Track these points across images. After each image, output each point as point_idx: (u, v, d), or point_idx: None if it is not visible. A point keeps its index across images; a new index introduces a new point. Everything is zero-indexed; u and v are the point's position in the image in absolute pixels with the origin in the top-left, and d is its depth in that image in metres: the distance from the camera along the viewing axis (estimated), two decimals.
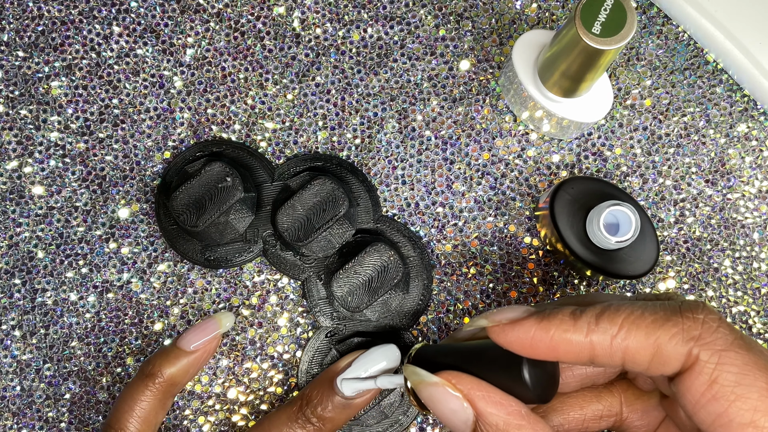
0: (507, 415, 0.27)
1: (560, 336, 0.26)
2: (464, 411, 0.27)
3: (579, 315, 0.27)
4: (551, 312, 0.27)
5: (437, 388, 0.28)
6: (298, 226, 0.40)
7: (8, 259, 0.42)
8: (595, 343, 0.26)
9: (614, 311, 0.26)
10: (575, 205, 0.39)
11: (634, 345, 0.26)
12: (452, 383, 0.28)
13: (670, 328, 0.25)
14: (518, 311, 0.28)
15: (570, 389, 0.33)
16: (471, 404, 0.27)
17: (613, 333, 0.26)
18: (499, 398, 0.27)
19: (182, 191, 0.39)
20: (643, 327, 0.26)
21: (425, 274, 0.41)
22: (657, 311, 0.26)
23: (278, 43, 0.43)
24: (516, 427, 0.27)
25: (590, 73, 0.36)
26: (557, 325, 0.27)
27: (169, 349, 0.38)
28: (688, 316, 0.26)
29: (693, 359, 0.25)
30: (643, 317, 0.26)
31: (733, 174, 0.43)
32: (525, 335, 0.27)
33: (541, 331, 0.27)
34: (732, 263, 0.42)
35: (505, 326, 0.28)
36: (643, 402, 0.32)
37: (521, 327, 0.27)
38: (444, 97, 0.43)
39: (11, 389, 0.42)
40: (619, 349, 0.26)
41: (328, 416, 0.37)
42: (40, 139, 0.42)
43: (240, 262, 0.41)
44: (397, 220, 0.42)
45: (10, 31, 0.43)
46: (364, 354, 0.37)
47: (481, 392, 0.27)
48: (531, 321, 0.27)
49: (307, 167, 0.42)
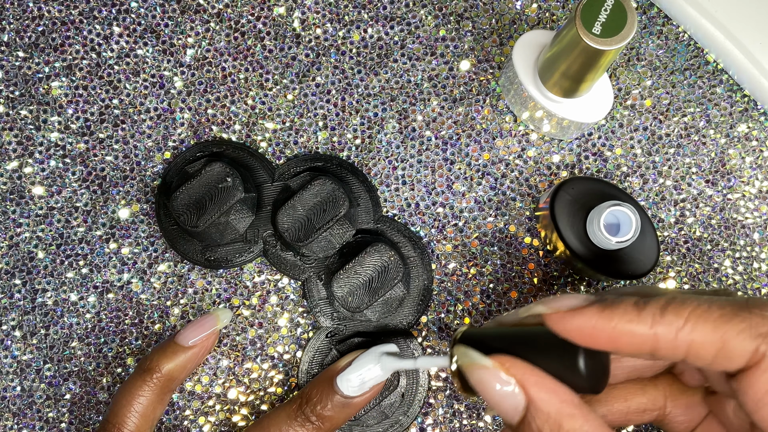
0: (560, 403, 0.26)
1: (623, 327, 0.26)
2: (515, 397, 0.27)
3: (643, 306, 0.26)
4: (614, 301, 0.26)
5: (489, 371, 0.27)
6: (298, 226, 0.40)
7: (8, 260, 0.42)
8: (659, 336, 0.25)
9: (680, 303, 0.26)
10: (575, 205, 0.39)
11: (700, 339, 0.25)
12: (506, 367, 0.27)
13: (738, 324, 0.25)
14: (578, 299, 0.27)
15: (616, 381, 0.32)
16: (523, 390, 0.27)
17: (679, 326, 0.25)
18: (552, 386, 0.27)
19: (182, 191, 0.39)
20: (710, 321, 0.25)
21: (425, 275, 0.41)
22: (724, 306, 0.25)
23: (278, 43, 0.43)
24: (568, 416, 0.26)
25: (590, 74, 0.36)
26: (621, 315, 0.26)
27: (167, 344, 0.38)
28: (757, 312, 0.25)
29: (759, 356, 0.25)
30: (710, 311, 0.25)
31: (733, 174, 0.43)
32: (586, 324, 0.26)
33: (604, 321, 0.26)
34: (732, 263, 0.42)
35: (565, 314, 0.27)
36: (688, 397, 0.32)
37: (582, 316, 0.26)
38: (444, 97, 0.43)
39: (11, 389, 0.42)
40: (684, 343, 0.25)
41: (327, 415, 0.36)
42: (40, 139, 0.42)
43: (240, 262, 0.41)
44: (397, 221, 0.42)
45: (11, 32, 0.43)
46: (364, 353, 0.37)
47: (534, 378, 0.27)
48: (593, 310, 0.26)
49: (307, 167, 0.42)
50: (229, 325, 0.42)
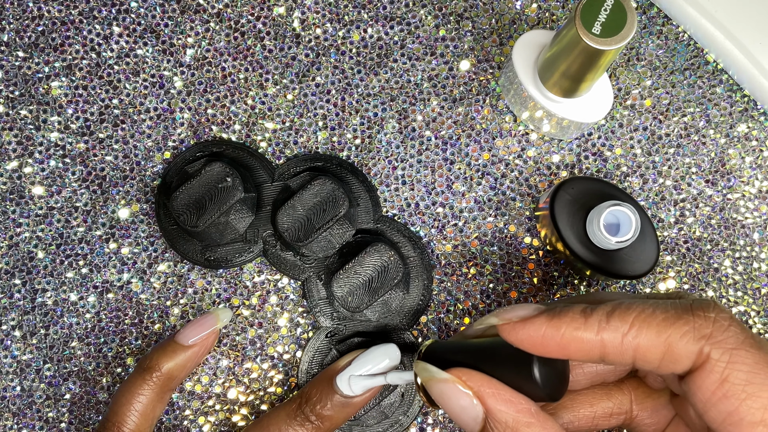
0: (516, 413, 0.27)
1: (571, 334, 0.26)
2: (474, 408, 0.27)
3: (590, 313, 0.27)
4: (562, 310, 0.27)
5: (447, 384, 0.28)
6: (298, 226, 0.40)
7: (8, 260, 0.42)
8: (606, 341, 0.26)
9: (625, 309, 0.26)
10: (575, 205, 0.39)
11: (645, 343, 0.26)
12: (462, 380, 0.28)
13: (681, 326, 0.25)
14: (528, 309, 0.28)
15: (580, 387, 0.33)
16: (481, 401, 0.27)
17: (624, 331, 0.26)
18: (509, 396, 0.27)
19: (182, 191, 0.39)
20: (654, 325, 0.26)
21: (425, 275, 0.41)
22: (668, 309, 0.26)
23: (278, 43, 0.43)
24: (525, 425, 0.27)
25: (590, 74, 0.36)
26: (568, 323, 0.27)
27: (167, 343, 0.38)
28: (699, 314, 0.26)
29: (704, 358, 0.25)
30: (654, 315, 0.26)
31: (733, 174, 0.43)
32: (535, 333, 0.27)
33: (552, 329, 0.27)
34: (732, 263, 0.42)
35: (515, 324, 0.28)
36: (653, 400, 0.32)
37: (532, 325, 0.27)
38: (444, 97, 0.43)
39: (11, 389, 0.42)
40: (630, 347, 0.26)
41: (326, 414, 0.37)
42: (40, 139, 0.42)
43: (240, 262, 0.41)
44: (397, 221, 0.42)
45: (10, 32, 0.43)
46: (364, 353, 0.37)
47: (491, 389, 0.27)
48: (541, 319, 0.27)
49: (307, 167, 0.42)
50: (229, 324, 0.42)
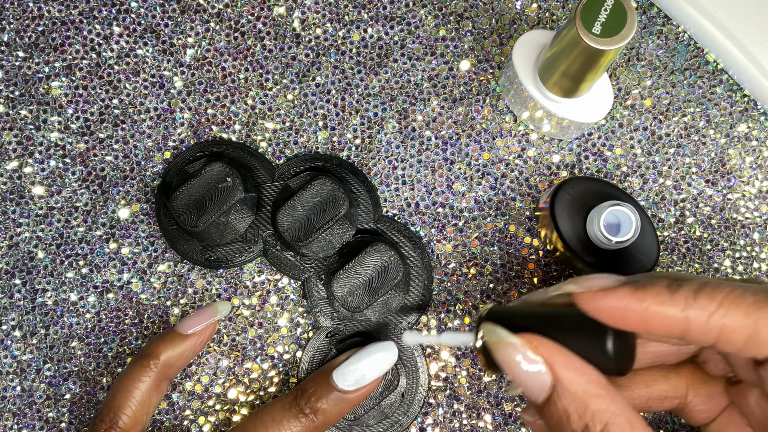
0: (587, 384, 0.26)
1: (655, 308, 0.26)
2: (543, 375, 0.26)
3: (676, 288, 0.26)
4: (646, 282, 0.26)
5: (516, 349, 0.27)
6: (298, 226, 0.40)
7: (8, 260, 0.42)
8: (691, 319, 0.25)
9: (713, 288, 0.25)
10: (575, 205, 0.39)
11: (731, 324, 0.25)
12: (534, 345, 0.27)
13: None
14: (610, 279, 0.27)
15: (640, 366, 0.32)
16: (550, 369, 0.26)
17: (712, 310, 0.25)
18: (580, 366, 0.26)
19: (182, 191, 0.39)
20: (743, 306, 0.25)
21: (425, 275, 0.41)
22: (758, 293, 0.25)
23: (278, 43, 0.43)
24: (595, 397, 0.26)
25: (590, 74, 0.36)
26: (653, 296, 0.26)
27: (167, 333, 0.39)
28: None
29: None
30: (743, 297, 0.25)
31: (733, 174, 0.43)
32: (617, 304, 0.26)
33: (636, 302, 0.26)
34: (732, 263, 0.42)
35: (596, 293, 0.27)
36: (709, 387, 0.32)
37: (614, 295, 0.26)
38: (444, 97, 0.43)
39: (11, 389, 0.42)
40: (716, 327, 0.25)
41: (321, 408, 0.37)
42: (40, 139, 0.42)
43: (240, 262, 0.41)
44: (397, 221, 0.42)
45: (11, 32, 0.43)
46: (363, 349, 0.38)
47: (562, 358, 0.27)
48: (624, 290, 0.26)
49: (307, 167, 0.42)
50: (229, 324, 0.42)
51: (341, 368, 0.37)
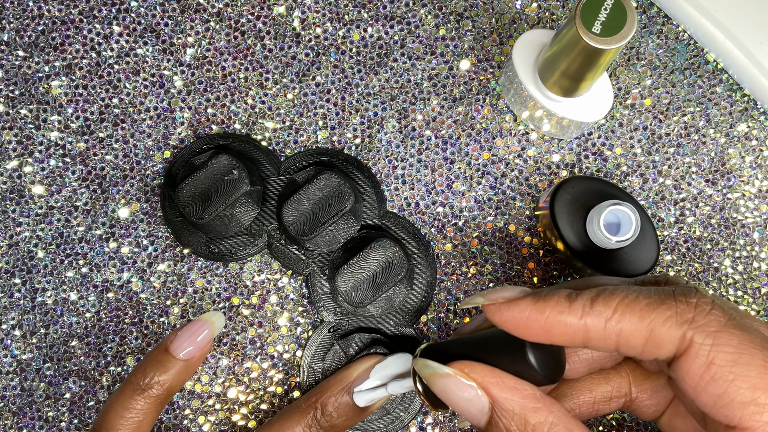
0: (522, 399, 0.27)
1: (555, 317, 0.27)
2: (479, 399, 0.27)
3: (574, 297, 0.27)
4: (547, 293, 0.27)
5: (450, 378, 0.28)
6: (303, 220, 0.40)
7: (8, 259, 0.42)
8: (589, 326, 0.26)
9: (609, 295, 0.26)
10: (575, 204, 0.39)
11: (627, 328, 0.26)
12: (465, 372, 0.28)
13: (664, 312, 0.25)
14: (514, 291, 0.28)
15: (578, 374, 0.33)
16: (485, 392, 0.27)
17: (608, 316, 0.26)
18: (512, 383, 0.27)
19: (188, 183, 0.39)
20: (637, 310, 0.26)
21: (429, 271, 0.41)
22: (651, 295, 0.26)
23: (278, 42, 0.43)
24: (532, 410, 0.27)
25: (590, 73, 0.36)
26: (552, 306, 0.27)
27: (163, 357, 0.35)
28: (681, 299, 0.26)
29: (688, 342, 0.25)
30: (637, 301, 0.26)
31: (733, 174, 0.43)
32: (520, 315, 0.27)
33: (536, 312, 0.27)
34: (732, 263, 0.42)
35: (500, 305, 0.28)
36: (652, 381, 0.33)
37: (517, 306, 0.27)
38: (444, 96, 0.43)
39: (11, 389, 0.42)
40: (613, 332, 0.26)
41: (343, 425, 0.37)
42: (40, 138, 0.42)
43: (244, 255, 0.41)
44: (401, 217, 0.42)
45: (11, 31, 0.43)
46: (381, 364, 0.38)
47: (494, 378, 0.27)
48: (527, 301, 0.27)
49: (313, 162, 0.42)
50: (229, 324, 0.42)
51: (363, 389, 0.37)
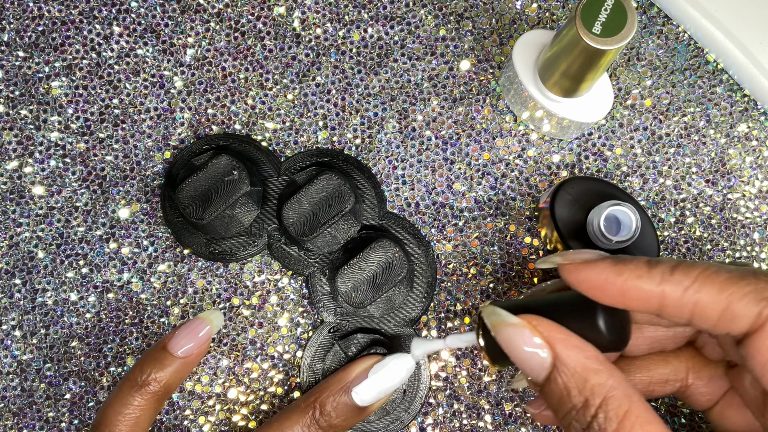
0: (585, 359, 0.27)
1: (632, 281, 0.27)
2: (542, 353, 0.27)
3: (654, 264, 0.27)
4: (627, 258, 0.27)
5: (517, 329, 0.28)
6: (303, 220, 0.40)
7: (8, 259, 0.42)
8: (666, 293, 0.26)
9: (689, 265, 0.26)
10: (575, 205, 0.39)
11: (705, 299, 0.26)
12: (533, 324, 0.28)
13: (744, 287, 0.25)
14: (594, 254, 0.28)
15: (639, 352, 0.33)
16: (550, 347, 0.27)
17: (687, 285, 0.26)
18: (578, 342, 0.27)
19: (188, 183, 0.39)
20: (717, 282, 0.26)
21: (429, 272, 0.41)
22: (732, 270, 0.26)
23: (278, 43, 0.43)
24: (594, 372, 0.27)
25: (590, 73, 0.36)
26: (632, 270, 0.27)
27: (161, 355, 0.36)
28: (762, 278, 0.26)
29: (763, 320, 0.25)
30: (718, 273, 0.26)
31: (733, 174, 0.43)
32: (597, 276, 0.27)
33: (614, 275, 0.27)
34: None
35: (578, 265, 0.28)
36: (710, 370, 0.33)
37: (595, 267, 0.27)
38: (444, 97, 0.43)
39: (11, 389, 0.42)
40: (690, 302, 0.26)
41: (342, 425, 0.37)
42: (40, 139, 0.42)
43: (245, 255, 0.41)
44: (401, 217, 0.42)
45: (11, 31, 0.43)
46: (380, 364, 0.37)
47: (561, 335, 0.27)
48: (605, 263, 0.27)
49: (313, 162, 0.42)
50: (229, 324, 0.42)
51: (362, 389, 0.37)
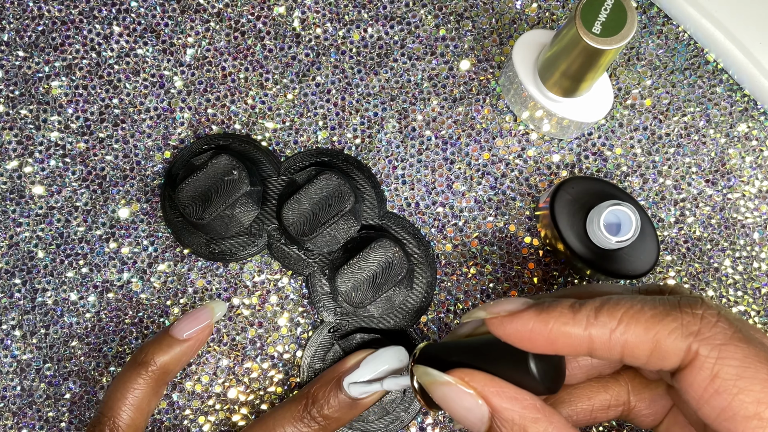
0: (522, 409, 0.27)
1: (559, 329, 0.26)
2: (479, 408, 0.27)
3: (578, 308, 0.26)
4: (550, 304, 0.27)
5: (450, 387, 0.28)
6: (303, 220, 0.40)
7: (8, 259, 0.42)
8: (594, 337, 0.26)
9: (614, 305, 0.26)
10: (575, 205, 0.39)
11: (633, 339, 0.26)
12: (465, 381, 0.28)
13: (669, 323, 0.25)
14: (517, 303, 0.28)
15: (576, 381, 0.33)
16: (485, 401, 0.27)
17: (612, 327, 0.26)
18: (513, 393, 0.27)
19: (188, 183, 0.39)
20: (642, 321, 0.26)
21: (429, 272, 0.41)
22: (656, 306, 0.26)
23: (278, 42, 0.43)
24: (532, 421, 0.27)
25: (590, 73, 0.36)
26: (556, 317, 0.26)
27: (162, 337, 0.38)
28: (687, 311, 0.26)
29: (693, 354, 0.25)
30: (642, 312, 0.26)
31: (733, 174, 0.43)
32: (523, 328, 0.27)
33: (540, 324, 0.27)
34: (732, 263, 0.42)
35: (503, 318, 0.27)
36: (651, 391, 0.32)
37: (520, 319, 0.27)
38: (444, 96, 0.43)
39: (11, 389, 0.42)
40: (618, 343, 0.26)
41: (334, 416, 0.37)
42: (40, 138, 0.42)
43: (245, 255, 0.41)
44: (401, 217, 0.42)
45: (11, 31, 0.43)
46: (373, 355, 0.37)
47: (494, 388, 0.27)
48: (530, 313, 0.27)
49: (313, 162, 0.42)
50: (229, 324, 0.42)
51: (354, 378, 0.37)
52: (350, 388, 0.36)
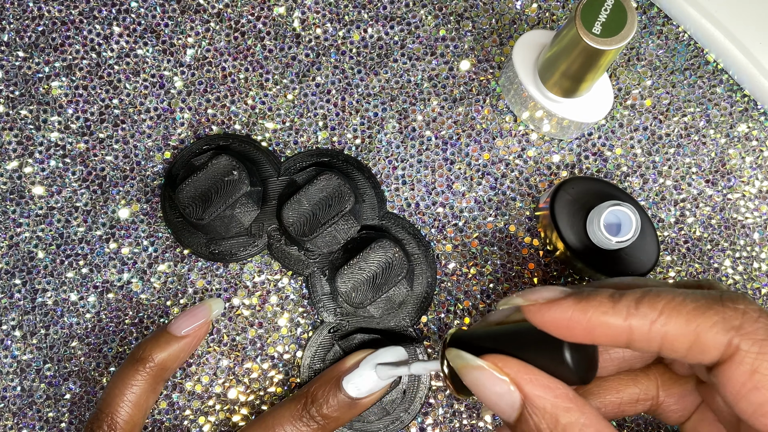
0: (555, 398, 0.26)
1: (598, 318, 0.26)
2: (511, 395, 0.27)
3: (618, 298, 0.26)
4: (589, 293, 0.27)
5: (483, 371, 0.27)
6: (303, 221, 0.40)
7: (8, 260, 0.42)
8: (633, 328, 0.26)
9: (655, 296, 0.26)
10: (575, 205, 0.39)
11: (673, 331, 0.25)
12: (499, 366, 0.27)
13: (711, 317, 0.25)
14: (555, 291, 0.28)
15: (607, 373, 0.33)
16: (518, 388, 0.27)
17: (653, 318, 0.25)
18: (546, 381, 0.27)
19: (188, 183, 0.39)
20: (683, 314, 0.25)
21: (429, 272, 0.41)
22: (698, 299, 0.26)
23: (278, 43, 0.43)
24: (564, 410, 0.26)
25: (590, 73, 0.36)
26: (596, 307, 0.26)
27: (160, 334, 0.38)
28: (729, 305, 0.25)
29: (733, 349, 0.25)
30: (684, 304, 0.25)
31: (733, 174, 0.43)
32: (561, 316, 0.26)
33: (579, 313, 0.26)
34: (732, 263, 0.42)
35: (541, 306, 0.27)
36: (680, 386, 0.32)
37: (558, 307, 0.27)
38: (444, 97, 0.43)
39: (11, 389, 0.42)
40: (658, 335, 0.25)
41: (333, 415, 0.37)
42: (40, 139, 0.42)
43: (245, 255, 0.41)
44: (401, 218, 0.42)
45: (11, 31, 0.43)
46: (372, 355, 0.37)
47: (528, 375, 0.27)
48: (569, 302, 0.27)
49: (313, 162, 0.42)
50: (229, 324, 0.42)
51: (353, 377, 0.37)
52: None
